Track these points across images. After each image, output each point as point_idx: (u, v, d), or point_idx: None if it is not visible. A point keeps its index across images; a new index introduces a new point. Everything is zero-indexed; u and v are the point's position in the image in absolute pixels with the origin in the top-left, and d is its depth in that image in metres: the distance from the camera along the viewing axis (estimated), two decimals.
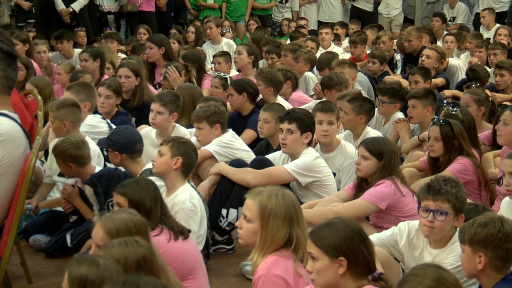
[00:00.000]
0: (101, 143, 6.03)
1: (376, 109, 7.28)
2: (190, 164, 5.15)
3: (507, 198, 5.01)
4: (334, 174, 6.16)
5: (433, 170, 5.85)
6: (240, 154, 6.25)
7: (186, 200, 4.97)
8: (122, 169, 5.80)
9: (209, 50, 11.37)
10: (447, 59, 10.11)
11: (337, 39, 12.96)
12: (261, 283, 3.71)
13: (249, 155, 6.31)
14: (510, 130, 5.84)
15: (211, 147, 6.16)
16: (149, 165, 5.52)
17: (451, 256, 4.21)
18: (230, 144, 6.25)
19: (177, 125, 6.76)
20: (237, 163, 6.00)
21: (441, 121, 5.88)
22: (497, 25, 12.67)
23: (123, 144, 5.70)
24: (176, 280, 3.67)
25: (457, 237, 4.07)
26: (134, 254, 3.35)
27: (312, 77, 9.38)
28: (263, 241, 3.79)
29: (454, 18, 14.38)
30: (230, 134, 6.31)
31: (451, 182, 4.31)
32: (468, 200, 5.15)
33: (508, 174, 4.83)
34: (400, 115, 7.46)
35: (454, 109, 6.35)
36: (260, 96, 7.63)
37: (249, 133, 7.26)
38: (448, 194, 4.24)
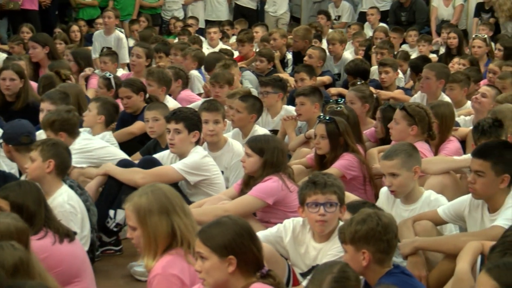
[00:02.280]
0: None
1: None
2: (64, 164, 5.05)
3: (385, 188, 5.17)
4: (222, 172, 6.17)
5: (320, 167, 5.92)
6: (98, 153, 6.15)
7: (64, 203, 4.88)
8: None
9: (99, 40, 11.18)
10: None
11: (226, 37, 12.99)
12: (156, 282, 3.68)
13: (108, 151, 6.22)
14: (400, 128, 5.96)
15: None
16: None
17: (334, 247, 4.29)
18: (85, 148, 6.11)
19: None
20: (125, 163, 5.94)
21: (327, 118, 5.97)
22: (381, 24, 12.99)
23: (8, 134, 5.63)
24: (55, 285, 3.60)
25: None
26: (11, 258, 3.28)
27: (197, 76, 9.36)
28: (147, 241, 3.77)
29: (339, 16, 14.64)
30: (81, 138, 6.14)
31: (330, 176, 4.46)
32: (357, 197, 5.28)
33: (387, 175, 4.97)
34: (290, 109, 7.54)
35: (339, 106, 6.46)
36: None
37: (139, 124, 7.15)
38: (334, 186, 4.36)
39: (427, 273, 4.49)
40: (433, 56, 11.11)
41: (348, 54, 10.97)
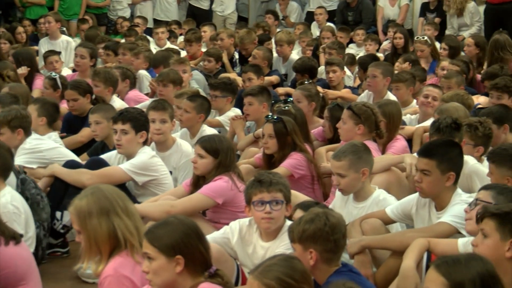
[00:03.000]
0: None
1: None
2: (6, 166, 4.97)
3: None
4: (171, 172, 6.14)
5: (268, 166, 5.93)
6: (49, 154, 6.11)
7: (7, 203, 4.81)
8: None
9: (46, 46, 11.01)
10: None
11: (173, 36, 12.93)
12: (107, 283, 3.65)
13: (59, 152, 6.20)
14: (348, 128, 5.99)
15: (19, 160, 5.93)
16: None
17: (282, 245, 4.31)
18: (36, 148, 6.06)
19: None
20: (72, 164, 5.88)
21: (275, 118, 5.98)
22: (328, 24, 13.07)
23: None
24: None
25: (286, 227, 4.17)
26: None
27: (146, 75, 9.31)
28: (88, 244, 3.74)
29: (286, 17, 14.69)
30: (32, 138, 6.10)
31: (276, 174, 4.50)
32: (307, 197, 5.31)
33: (335, 174, 5.00)
34: (238, 111, 7.55)
35: (286, 106, 6.48)
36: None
37: (86, 131, 7.09)
38: (279, 184, 4.38)
39: (374, 270, 4.54)
40: (380, 55, 11.21)
41: (295, 54, 11.00)
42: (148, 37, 12.19)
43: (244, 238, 4.55)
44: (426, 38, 10.40)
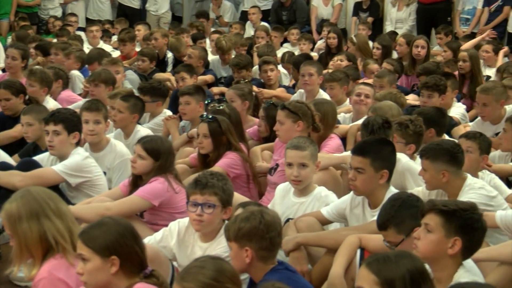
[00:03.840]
0: None
1: None
2: None
3: (282, 185, 5.26)
4: (105, 173, 6.08)
5: (203, 166, 5.92)
6: None
7: None
8: None
9: None
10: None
11: (107, 36, 12.81)
12: (41, 286, 3.60)
13: None
14: (287, 128, 6.00)
15: None
16: None
17: (219, 247, 4.29)
18: None
19: None
20: (2, 165, 5.78)
21: (209, 117, 5.97)
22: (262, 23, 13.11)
23: None
24: None
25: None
26: None
27: (79, 75, 9.20)
28: (19, 248, 3.68)
29: (220, 16, 14.69)
30: None
31: (217, 176, 4.42)
32: (246, 198, 5.32)
33: (296, 165, 5.00)
34: (169, 113, 7.52)
35: (221, 105, 6.48)
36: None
37: (19, 127, 6.94)
38: (215, 187, 4.33)
39: (310, 267, 4.57)
40: (314, 55, 11.29)
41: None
42: (83, 35, 12.06)
43: (183, 238, 4.52)
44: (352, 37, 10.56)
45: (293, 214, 5.04)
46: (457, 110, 7.70)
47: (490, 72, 9.61)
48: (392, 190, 4.69)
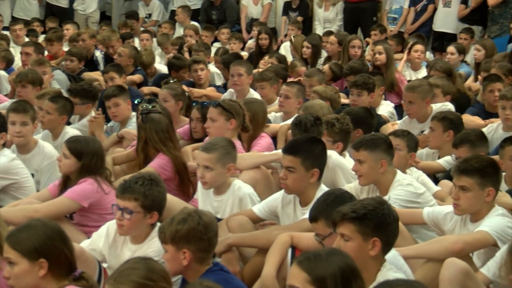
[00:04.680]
0: None
1: None
2: None
3: None
4: (33, 175, 5.98)
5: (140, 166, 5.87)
6: None
7: None
8: None
9: None
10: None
11: (34, 35, 12.59)
12: None
13: None
14: (219, 125, 5.98)
15: None
16: None
17: (150, 250, 4.23)
18: None
19: None
20: None
21: (143, 119, 5.92)
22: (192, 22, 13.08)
23: None
24: None
25: (155, 232, 4.12)
26: None
27: (4, 75, 9.02)
28: None
29: (150, 15, 14.59)
30: None
31: (144, 180, 4.31)
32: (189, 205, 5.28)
33: (201, 166, 5.03)
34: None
35: (152, 106, 6.41)
36: None
37: None
38: (135, 192, 4.24)
39: (241, 265, 4.58)
40: (244, 54, 11.32)
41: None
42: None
43: (114, 239, 4.46)
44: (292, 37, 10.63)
45: (214, 212, 5.03)
46: (385, 108, 7.80)
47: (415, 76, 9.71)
48: (323, 189, 4.72)
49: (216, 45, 12.35)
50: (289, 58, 10.56)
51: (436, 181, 5.91)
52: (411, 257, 4.20)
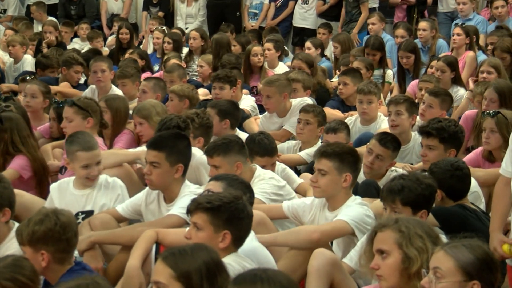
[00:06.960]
0: None
1: None
2: None
3: (55, 184, 5.22)
4: None
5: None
6: None
7: None
8: None
9: None
10: None
11: None
12: None
13: None
14: (76, 124, 5.85)
15: None
16: None
17: (9, 252, 4.04)
18: None
19: None
20: None
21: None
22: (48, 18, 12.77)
23: None
24: None
25: (14, 232, 4.00)
26: None
27: None
28: None
29: (5, 10, 14.14)
30: None
31: None
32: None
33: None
34: None
35: (7, 104, 6.22)
36: None
37: None
38: None
39: (106, 265, 4.52)
40: (105, 50, 11.18)
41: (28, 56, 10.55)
42: None
43: None
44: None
45: (81, 207, 5.00)
46: (247, 102, 7.84)
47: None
48: (188, 184, 4.73)
49: (76, 41, 12.13)
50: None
51: (298, 173, 6.01)
52: (269, 245, 4.25)
